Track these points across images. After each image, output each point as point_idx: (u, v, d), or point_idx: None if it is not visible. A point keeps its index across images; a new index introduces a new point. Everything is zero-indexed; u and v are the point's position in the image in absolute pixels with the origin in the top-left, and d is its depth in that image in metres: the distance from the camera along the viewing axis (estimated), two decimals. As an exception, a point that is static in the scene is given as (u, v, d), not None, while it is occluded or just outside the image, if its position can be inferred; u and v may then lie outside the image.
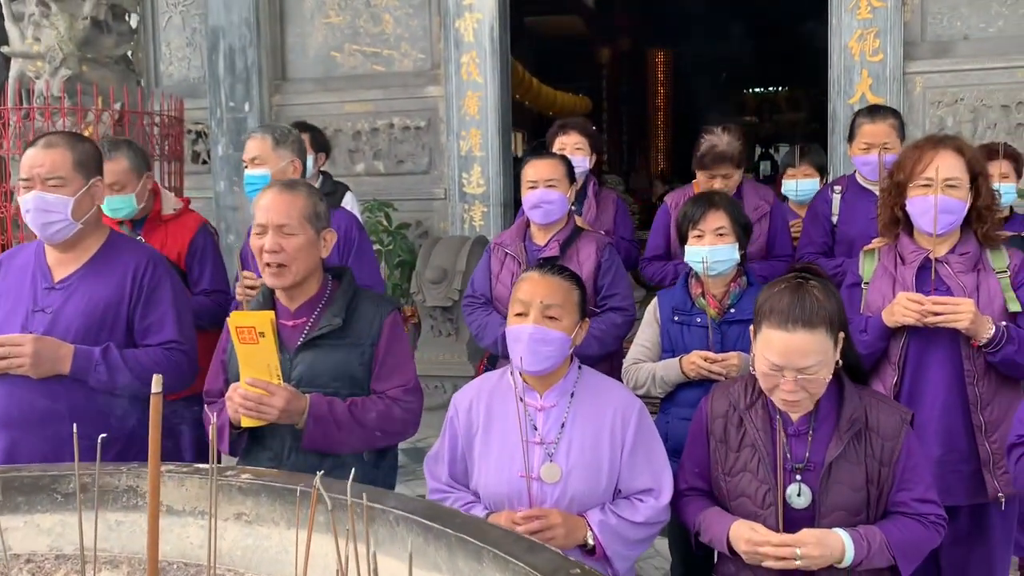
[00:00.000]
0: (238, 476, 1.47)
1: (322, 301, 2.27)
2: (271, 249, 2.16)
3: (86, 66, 4.72)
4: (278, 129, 3.20)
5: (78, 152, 2.40)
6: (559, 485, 2.02)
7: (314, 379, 2.21)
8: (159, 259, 2.54)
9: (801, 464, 1.97)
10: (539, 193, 3.12)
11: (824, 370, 1.90)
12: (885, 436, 1.96)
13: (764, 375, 1.93)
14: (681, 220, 2.81)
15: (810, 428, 1.98)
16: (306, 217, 2.21)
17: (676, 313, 2.76)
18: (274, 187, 2.26)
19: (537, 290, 2.07)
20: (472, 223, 6.04)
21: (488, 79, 5.92)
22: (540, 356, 2.04)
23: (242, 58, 6.35)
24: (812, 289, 1.93)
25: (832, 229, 3.53)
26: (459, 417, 2.16)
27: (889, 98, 5.11)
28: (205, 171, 6.72)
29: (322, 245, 2.26)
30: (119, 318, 2.41)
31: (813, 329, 1.87)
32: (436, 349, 5.56)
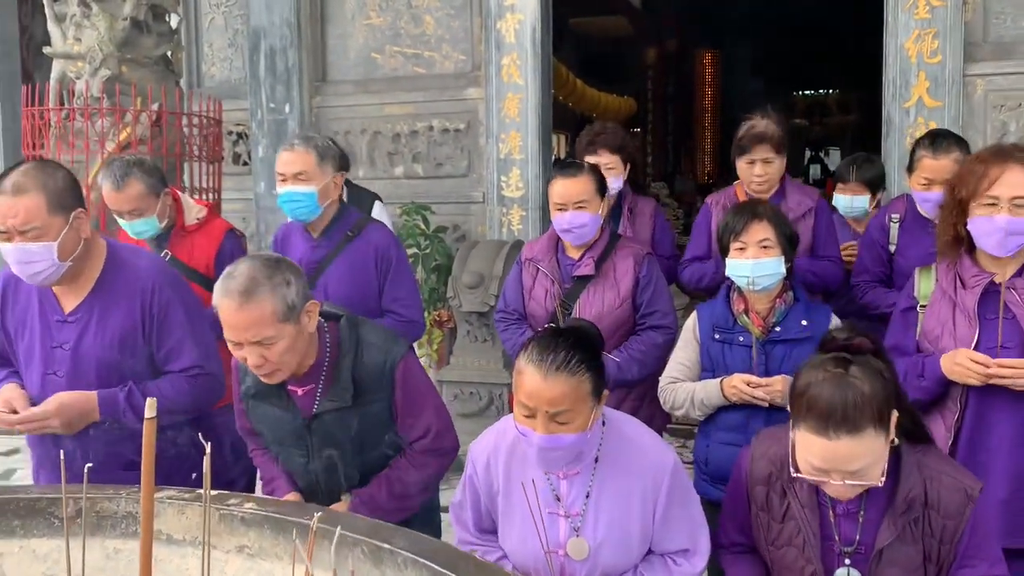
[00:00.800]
0: (241, 506, 1.38)
1: (325, 363, 2.12)
2: (255, 364, 1.99)
3: (125, 66, 4.72)
4: (319, 140, 3.04)
5: (50, 192, 2.17)
6: (587, 562, 1.89)
7: (335, 442, 2.14)
8: (164, 277, 2.41)
9: (851, 548, 1.79)
10: (569, 216, 2.93)
11: (876, 468, 1.68)
12: (947, 514, 1.76)
13: (808, 474, 1.72)
14: (722, 231, 2.65)
15: (861, 507, 1.80)
16: (280, 318, 1.95)
17: (717, 330, 2.60)
18: (231, 299, 1.94)
19: (542, 395, 1.79)
20: (510, 227, 5.93)
21: (529, 81, 5.81)
22: (556, 462, 1.87)
23: (283, 59, 6.32)
24: (854, 381, 1.68)
25: (889, 259, 3.34)
26: (478, 476, 2.02)
27: (948, 102, 4.88)
28: (246, 172, 6.71)
29: (306, 322, 2.03)
30: (137, 348, 2.33)
31: (858, 432, 1.64)
32: (472, 355, 5.46)
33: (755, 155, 3.31)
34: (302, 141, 3.02)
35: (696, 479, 2.69)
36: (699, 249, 3.45)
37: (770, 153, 3.30)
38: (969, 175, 2.31)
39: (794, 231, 2.64)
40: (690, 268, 3.44)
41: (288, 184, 2.95)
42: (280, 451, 2.23)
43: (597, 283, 2.96)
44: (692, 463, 2.75)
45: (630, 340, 2.96)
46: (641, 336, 2.97)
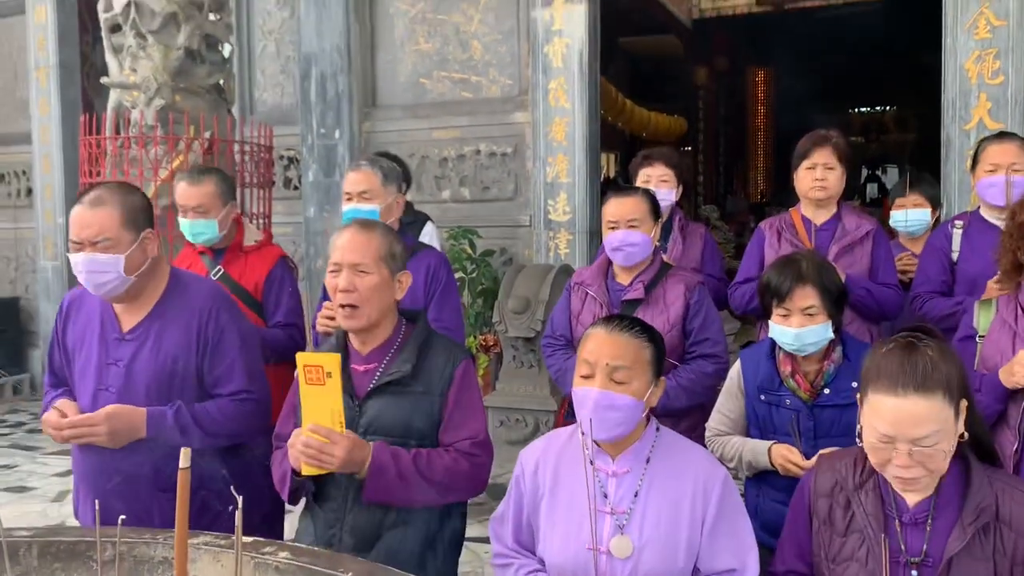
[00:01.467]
0: (276, 554, 1.37)
1: (394, 346, 2.19)
2: (345, 288, 2.11)
3: (179, 96, 4.82)
4: (384, 162, 3.14)
5: (126, 208, 2.32)
6: (630, 561, 1.84)
7: (381, 427, 2.12)
8: (223, 300, 2.48)
9: (917, 558, 1.71)
10: (620, 235, 2.92)
11: (944, 442, 1.64)
12: (1020, 531, 1.68)
13: (873, 448, 1.68)
14: (764, 290, 2.49)
15: (929, 516, 1.71)
16: (382, 257, 2.16)
17: (762, 392, 2.46)
18: (352, 226, 2.23)
19: (603, 350, 1.88)
20: (557, 251, 5.90)
21: (576, 105, 5.79)
22: (608, 423, 1.86)
23: (333, 85, 6.41)
24: (925, 349, 1.67)
25: (951, 267, 3.24)
26: (525, 478, 2.01)
27: (1011, 123, 4.72)
28: (296, 196, 6.80)
29: (397, 287, 2.20)
30: (188, 369, 2.37)
31: (928, 393, 1.62)
32: (518, 381, 5.42)
33: (817, 159, 3.25)
34: (368, 162, 3.12)
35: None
36: (750, 271, 3.38)
37: (832, 159, 3.24)
38: None
39: (842, 287, 2.48)
40: (740, 290, 3.38)
41: (353, 202, 3.05)
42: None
43: (646, 308, 2.91)
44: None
45: (679, 368, 2.90)
46: (691, 365, 2.90)
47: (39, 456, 5.95)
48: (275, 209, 5.96)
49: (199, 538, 1.40)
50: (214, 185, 3.20)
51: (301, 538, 2.21)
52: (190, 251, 3.38)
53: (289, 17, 6.88)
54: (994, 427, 2.27)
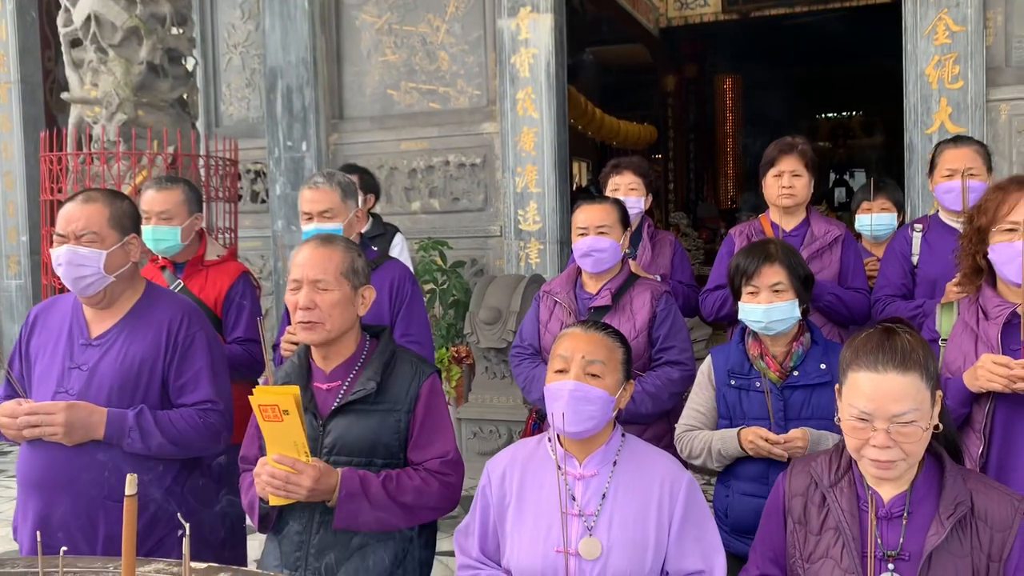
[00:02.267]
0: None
1: (358, 363, 2.15)
2: (305, 305, 2.07)
3: (142, 110, 4.75)
4: (341, 177, 3.08)
5: (115, 209, 2.37)
6: (598, 563, 1.84)
7: (346, 446, 2.08)
8: (194, 313, 2.46)
9: (894, 552, 1.71)
10: (589, 241, 2.96)
11: (921, 420, 1.65)
12: (995, 527, 1.69)
13: (851, 427, 1.69)
14: (733, 273, 2.58)
15: (905, 510, 1.73)
16: (343, 273, 2.12)
17: (732, 376, 2.51)
18: (311, 242, 2.19)
19: (579, 345, 1.94)
20: (528, 261, 5.89)
21: (544, 115, 5.79)
22: (582, 415, 1.88)
23: (299, 97, 6.36)
24: (904, 334, 1.71)
25: (912, 270, 3.27)
26: (492, 487, 2.01)
27: (971, 128, 4.79)
28: (264, 210, 6.74)
29: (360, 303, 2.16)
30: (154, 375, 2.35)
31: (906, 371, 1.65)
32: (490, 392, 5.40)
33: (783, 167, 3.28)
34: (325, 179, 3.03)
35: (716, 531, 2.61)
36: (721, 278, 3.39)
37: (799, 166, 3.28)
38: (989, 202, 2.28)
39: (808, 271, 2.56)
40: (711, 296, 3.40)
41: (314, 222, 2.96)
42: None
43: (613, 315, 2.94)
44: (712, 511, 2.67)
45: (645, 375, 2.91)
46: (657, 371, 2.91)
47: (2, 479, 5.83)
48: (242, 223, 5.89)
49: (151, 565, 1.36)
50: (182, 193, 3.17)
51: (266, 560, 2.16)
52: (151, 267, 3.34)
53: (254, 30, 6.83)
54: (960, 430, 2.28)
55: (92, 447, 2.26)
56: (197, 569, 1.36)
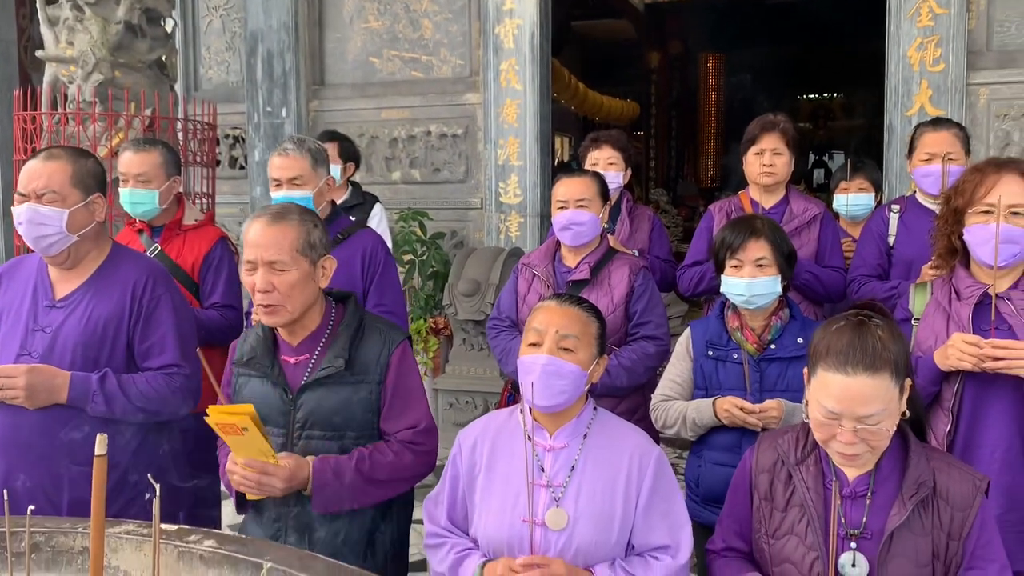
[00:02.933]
0: (200, 543, 1.33)
1: (325, 335, 2.12)
2: (262, 288, 2.01)
3: (119, 71, 4.67)
4: (311, 144, 3.05)
5: (78, 167, 2.31)
6: (564, 533, 1.85)
7: (319, 421, 2.07)
8: (160, 275, 2.42)
9: (857, 530, 1.74)
10: (569, 214, 2.96)
11: (888, 420, 1.68)
12: (956, 506, 1.72)
13: (819, 424, 1.71)
14: (718, 247, 2.60)
15: (869, 490, 1.75)
16: (299, 249, 2.03)
17: (710, 347, 2.55)
18: (262, 218, 2.07)
19: (553, 319, 1.92)
20: (508, 234, 5.88)
21: (527, 86, 5.75)
22: (553, 390, 1.88)
23: (280, 63, 6.28)
24: (875, 328, 1.71)
25: (888, 251, 3.29)
26: (462, 456, 2.00)
27: (951, 110, 4.82)
28: (242, 176, 6.67)
29: (320, 275, 2.10)
30: (119, 338, 2.31)
31: (875, 373, 1.66)
32: (468, 363, 5.41)
33: (764, 144, 3.29)
34: (295, 145, 3.00)
35: (687, 502, 2.64)
36: (699, 254, 3.41)
37: (780, 144, 3.28)
38: (966, 184, 2.29)
39: (792, 248, 2.59)
40: (689, 272, 3.41)
41: (283, 189, 2.93)
42: None
43: (591, 289, 2.95)
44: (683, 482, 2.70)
45: (621, 349, 2.93)
46: (633, 345, 2.93)
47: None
48: (220, 189, 5.83)
49: (120, 527, 1.36)
50: (160, 155, 3.13)
51: (247, 531, 2.17)
52: (129, 230, 3.30)
53: (235, -8, 6.72)
54: (927, 409, 2.31)
55: (56, 411, 2.23)
56: (168, 530, 1.36)
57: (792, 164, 3.35)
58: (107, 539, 1.32)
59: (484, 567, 1.88)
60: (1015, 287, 2.25)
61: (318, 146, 3.08)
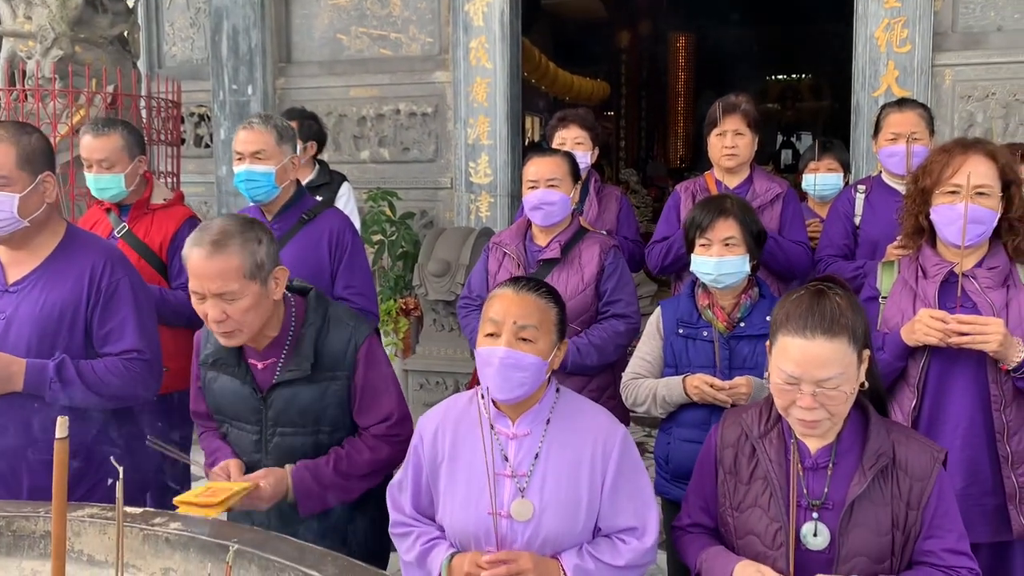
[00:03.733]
0: (166, 525, 1.31)
1: (288, 336, 2.09)
2: (216, 319, 1.97)
3: (79, 47, 4.57)
4: (278, 120, 3.01)
5: (23, 147, 2.22)
6: (531, 523, 1.83)
7: (291, 419, 2.07)
8: (118, 258, 2.37)
9: (819, 501, 1.77)
10: (539, 193, 2.95)
11: (846, 385, 1.70)
12: (915, 476, 1.76)
13: (779, 389, 1.74)
14: (688, 226, 2.61)
15: (830, 461, 1.78)
16: (246, 275, 1.96)
17: (681, 325, 2.56)
18: (202, 248, 1.96)
19: (511, 309, 1.86)
20: (478, 214, 5.85)
21: (497, 65, 5.71)
22: (512, 383, 1.84)
23: (246, 39, 6.17)
24: (834, 296, 1.75)
25: (854, 231, 3.33)
26: (424, 445, 1.96)
27: (917, 91, 4.86)
28: (208, 155, 6.57)
29: (273, 287, 2.04)
30: (76, 323, 2.25)
31: (833, 337, 1.69)
32: (438, 344, 5.40)
33: (727, 126, 3.28)
34: (261, 120, 2.97)
35: (656, 478, 2.66)
36: (667, 232, 3.42)
37: (742, 125, 3.28)
38: (933, 164, 2.32)
39: (762, 228, 2.60)
40: (656, 248, 3.42)
41: (245, 163, 2.90)
42: (232, 428, 2.16)
43: (562, 268, 2.95)
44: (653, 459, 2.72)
45: (592, 327, 2.94)
46: (603, 324, 2.94)
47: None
48: (185, 168, 5.74)
49: (84, 510, 1.34)
50: (121, 138, 3.06)
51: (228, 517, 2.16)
52: (96, 209, 3.24)
53: (199, -33, 6.59)
54: (895, 384, 2.35)
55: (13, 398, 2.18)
56: (132, 513, 1.34)
57: (755, 144, 3.35)
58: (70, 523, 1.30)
59: (451, 560, 1.86)
60: (979, 265, 2.30)
61: (285, 123, 3.04)
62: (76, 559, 1.32)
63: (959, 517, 1.81)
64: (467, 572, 1.81)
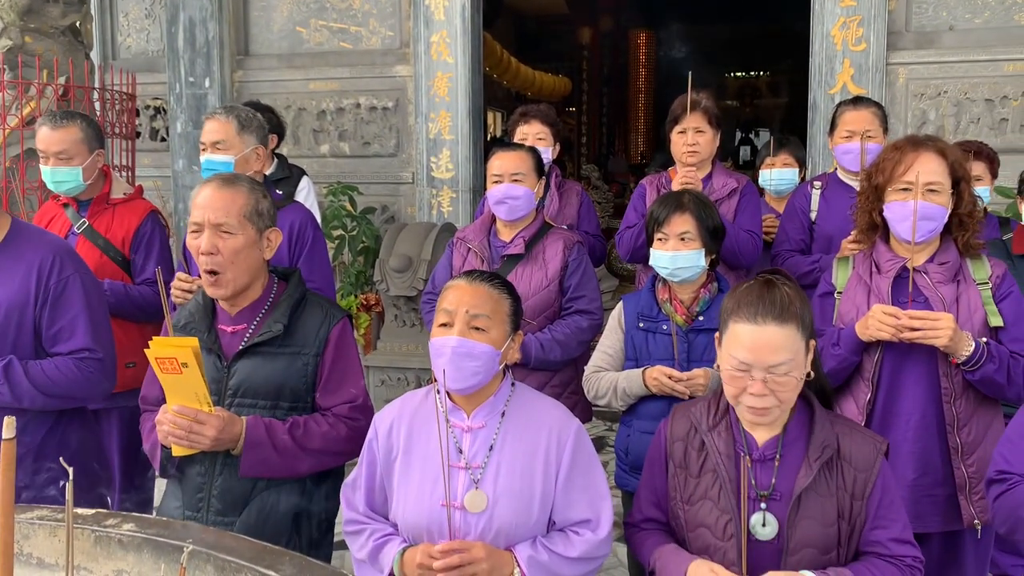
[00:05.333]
0: (119, 527, 1.29)
1: (265, 306, 2.10)
2: (207, 250, 1.99)
3: (29, 36, 4.46)
4: (242, 111, 2.99)
5: None
6: (484, 515, 1.83)
7: (251, 389, 2.04)
8: (67, 254, 2.31)
9: (766, 492, 1.80)
10: (504, 188, 2.95)
11: (796, 371, 1.74)
12: (858, 467, 1.80)
13: (730, 377, 1.76)
14: (648, 221, 2.64)
15: (777, 453, 1.81)
16: (246, 215, 2.04)
17: (641, 319, 2.59)
18: (212, 182, 2.08)
19: (463, 298, 1.88)
20: (440, 209, 5.83)
21: (459, 59, 5.69)
22: (465, 372, 1.84)
23: (203, 31, 6.07)
24: (782, 286, 1.79)
25: (810, 226, 3.38)
26: (379, 440, 1.96)
27: (871, 89, 4.94)
28: (164, 148, 6.45)
29: (265, 246, 2.09)
30: (24, 323, 2.20)
31: (784, 323, 1.73)
32: (399, 340, 5.37)
33: (687, 124, 3.29)
34: (224, 111, 2.99)
35: (616, 470, 2.69)
36: (636, 219, 3.43)
37: (702, 123, 3.29)
38: (886, 162, 2.36)
39: (719, 223, 2.62)
40: (627, 233, 3.42)
41: (208, 152, 2.93)
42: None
43: (526, 264, 2.96)
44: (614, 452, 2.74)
45: (555, 323, 2.95)
46: (566, 320, 2.95)
47: None
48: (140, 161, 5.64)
49: (33, 512, 1.30)
50: (80, 130, 3.01)
51: (167, 503, 2.12)
52: (52, 205, 3.18)
53: (154, -43, 6.46)
54: (850, 378, 2.39)
55: None
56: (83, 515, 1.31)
57: (716, 141, 3.37)
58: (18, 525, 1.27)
59: (404, 553, 1.85)
60: (931, 261, 2.35)
61: (249, 114, 3.03)
62: (25, 562, 1.28)
63: (903, 507, 1.85)
64: (419, 563, 1.80)
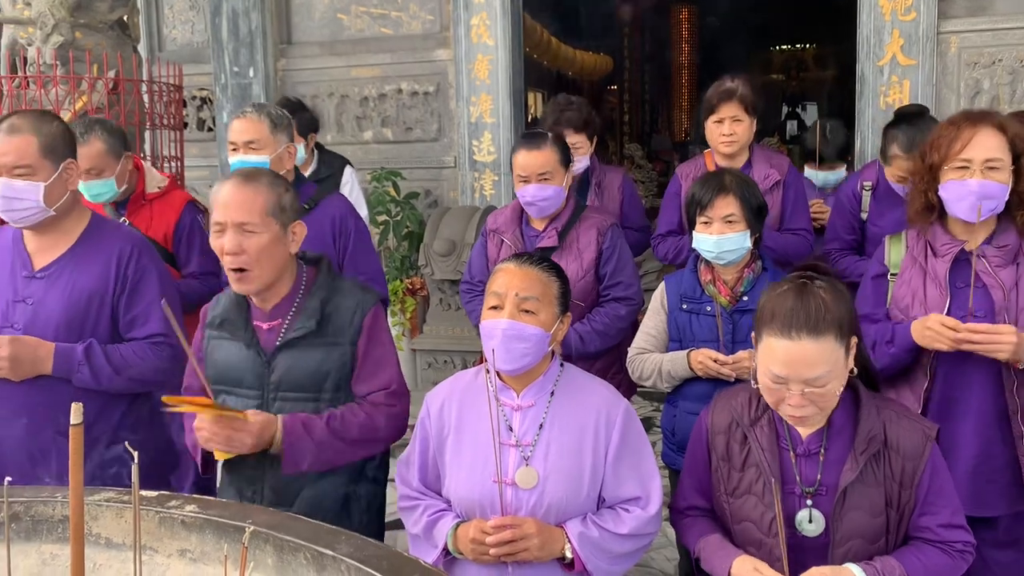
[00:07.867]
0: (182, 508, 1.33)
1: (297, 299, 2.11)
2: (231, 251, 1.99)
3: (79, 32, 4.55)
4: (273, 109, 2.98)
5: (45, 136, 2.25)
6: (535, 491, 1.87)
7: (293, 382, 2.07)
8: (144, 246, 2.41)
9: (812, 488, 1.78)
10: (532, 190, 2.90)
11: (835, 382, 1.70)
12: (907, 455, 1.76)
13: (767, 389, 1.74)
14: (689, 203, 2.60)
15: (822, 447, 1.78)
16: (269, 212, 2.02)
17: (684, 300, 2.57)
18: (233, 179, 2.06)
19: (512, 281, 1.91)
20: (483, 192, 5.84)
21: (499, 41, 5.68)
22: (515, 353, 1.87)
23: (246, 22, 6.14)
24: (818, 291, 1.72)
25: (861, 225, 3.30)
26: (430, 419, 2.01)
27: (922, 59, 4.82)
28: (211, 138, 6.56)
29: (290, 240, 2.08)
30: (103, 309, 2.30)
31: (819, 336, 1.67)
32: (445, 323, 5.42)
33: (723, 113, 3.24)
34: (254, 109, 2.94)
35: (664, 449, 2.69)
36: (671, 223, 3.39)
37: (739, 111, 3.23)
38: (941, 140, 2.25)
39: (762, 202, 2.59)
40: (664, 244, 3.39)
41: (239, 153, 2.87)
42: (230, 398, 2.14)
43: (560, 254, 2.92)
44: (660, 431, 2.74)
45: (593, 312, 2.93)
46: (604, 308, 2.93)
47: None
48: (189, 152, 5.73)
49: (100, 494, 1.36)
50: (101, 143, 3.02)
51: (224, 492, 2.17)
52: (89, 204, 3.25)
53: (196, -51, 6.55)
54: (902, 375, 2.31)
55: (42, 382, 2.23)
56: (148, 496, 1.36)
57: (754, 127, 3.30)
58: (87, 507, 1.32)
59: (457, 528, 1.89)
60: (988, 242, 2.25)
61: (280, 112, 3.00)
62: (94, 542, 1.34)
63: (954, 492, 1.81)
64: (472, 538, 1.84)
